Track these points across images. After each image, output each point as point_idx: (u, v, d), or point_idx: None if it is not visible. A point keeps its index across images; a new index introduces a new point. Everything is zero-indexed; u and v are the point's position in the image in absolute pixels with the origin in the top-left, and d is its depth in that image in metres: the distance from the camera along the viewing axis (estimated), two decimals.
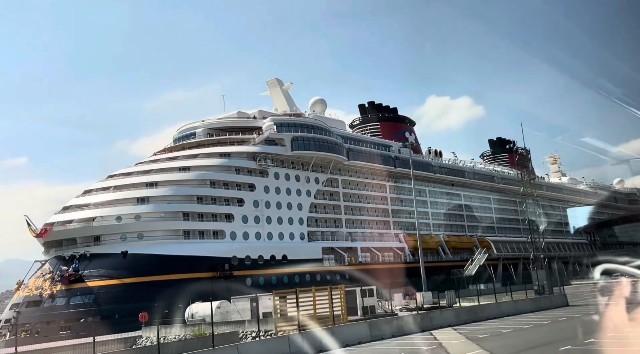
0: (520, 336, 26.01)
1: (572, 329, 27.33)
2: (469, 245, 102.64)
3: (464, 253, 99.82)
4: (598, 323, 28.02)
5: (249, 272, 66.27)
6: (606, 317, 31.99)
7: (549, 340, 24.02)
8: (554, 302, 41.34)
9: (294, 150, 77.10)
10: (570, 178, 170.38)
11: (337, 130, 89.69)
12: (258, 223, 71.52)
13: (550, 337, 24.97)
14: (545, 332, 26.67)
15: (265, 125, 77.96)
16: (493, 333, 27.60)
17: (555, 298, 42.60)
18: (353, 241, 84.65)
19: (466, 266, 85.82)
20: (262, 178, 73.94)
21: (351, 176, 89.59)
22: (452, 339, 26.19)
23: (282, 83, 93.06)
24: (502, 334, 26.95)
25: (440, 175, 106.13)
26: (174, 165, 69.64)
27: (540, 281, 44.63)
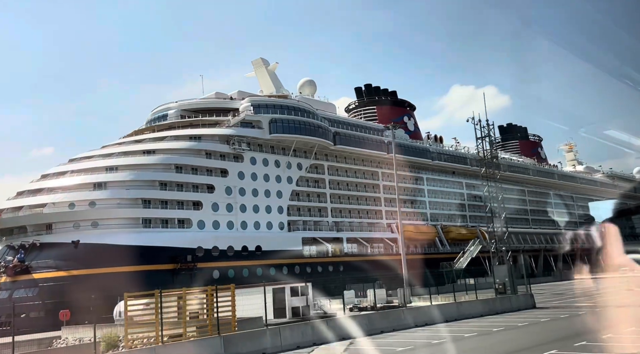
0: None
1: (516, 343, 21.57)
2: (470, 236, 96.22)
3: (465, 245, 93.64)
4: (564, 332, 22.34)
5: (216, 264, 61.37)
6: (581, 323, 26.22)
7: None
8: (516, 304, 35.23)
9: (272, 133, 71.68)
10: (586, 166, 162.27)
11: (325, 113, 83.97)
12: (230, 212, 66.44)
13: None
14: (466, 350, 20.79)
15: (242, 106, 72.64)
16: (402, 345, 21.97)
17: (518, 299, 36.47)
18: (339, 231, 79.20)
19: (457, 258, 79.70)
20: (236, 163, 68.72)
21: (339, 162, 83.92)
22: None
23: (267, 63, 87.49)
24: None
25: (439, 162, 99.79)
26: (139, 148, 64.86)
27: (501, 278, 38.51)
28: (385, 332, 26.58)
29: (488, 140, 42.48)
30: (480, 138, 41.84)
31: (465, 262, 77.74)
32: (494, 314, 31.87)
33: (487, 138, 41.87)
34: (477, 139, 41.55)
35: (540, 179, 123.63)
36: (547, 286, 64.93)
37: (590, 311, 31.18)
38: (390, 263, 77.96)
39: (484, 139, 41.55)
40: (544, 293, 49.62)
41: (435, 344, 22.15)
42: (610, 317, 27.28)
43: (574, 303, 37.49)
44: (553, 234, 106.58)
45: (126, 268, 54.25)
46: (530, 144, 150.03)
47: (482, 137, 41.50)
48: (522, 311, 33.32)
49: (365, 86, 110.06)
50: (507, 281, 37.44)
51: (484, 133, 41.77)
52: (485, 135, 41.38)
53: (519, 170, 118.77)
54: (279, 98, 76.38)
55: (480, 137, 41.85)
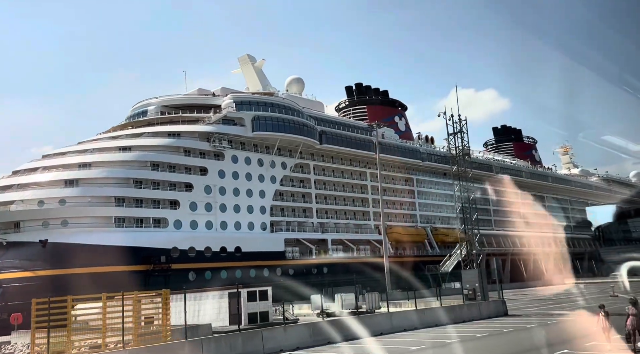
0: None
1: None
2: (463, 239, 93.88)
3: (454, 247, 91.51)
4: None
5: (193, 265, 59.18)
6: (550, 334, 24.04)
7: None
8: (486, 311, 32.93)
9: (255, 131, 69.56)
10: (582, 170, 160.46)
11: (312, 111, 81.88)
12: (210, 211, 64.27)
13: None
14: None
15: (224, 103, 70.53)
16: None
17: (489, 306, 34.19)
18: (324, 233, 77.08)
19: (443, 261, 77.56)
20: (216, 161, 66.57)
21: (325, 161, 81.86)
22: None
23: (254, 59, 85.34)
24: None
25: (430, 163, 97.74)
26: (115, 144, 62.70)
27: (471, 284, 36.25)
28: (332, 343, 24.48)
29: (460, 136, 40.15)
30: (453, 134, 39.67)
31: (452, 265, 75.62)
32: (460, 322, 29.66)
33: (459, 134, 39.63)
34: (449, 135, 39.39)
35: (533, 182, 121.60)
36: (532, 291, 62.74)
37: (563, 319, 28.98)
38: (376, 266, 75.94)
39: (455, 135, 39.35)
40: (524, 299, 47.49)
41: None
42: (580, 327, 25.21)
43: (550, 310, 35.26)
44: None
45: (96, 269, 52.14)
46: (525, 146, 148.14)
47: (453, 133, 39.34)
48: (491, 319, 31.12)
49: (355, 85, 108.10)
50: (477, 286, 35.19)
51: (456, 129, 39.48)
52: (457, 131, 39.23)
53: (512, 172, 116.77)
54: (263, 96, 74.26)
55: (453, 133, 39.68)
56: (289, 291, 48.56)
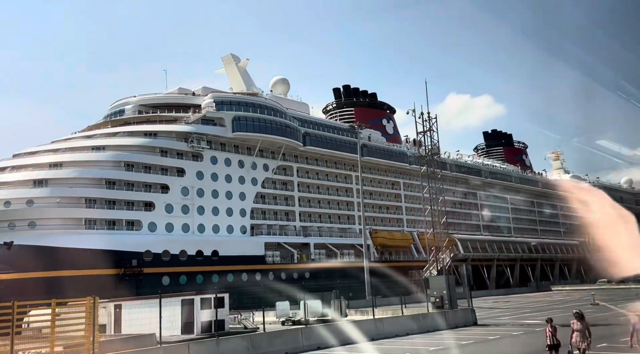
0: None
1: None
2: (448, 243, 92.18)
3: None
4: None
5: (167, 269, 57.18)
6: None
7: None
8: (453, 320, 30.91)
9: (235, 131, 67.72)
10: (573, 175, 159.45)
11: (296, 112, 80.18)
12: (186, 214, 62.32)
13: None
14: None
15: (204, 102, 68.67)
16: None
17: (456, 315, 32.28)
18: (306, 236, 75.22)
19: (427, 267, 75.68)
20: (194, 162, 64.68)
21: (309, 164, 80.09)
22: None
23: (238, 59, 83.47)
24: None
25: (417, 166, 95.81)
26: (89, 143, 60.72)
27: (438, 291, 34.36)
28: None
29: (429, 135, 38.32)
30: (422, 133, 37.91)
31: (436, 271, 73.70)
32: (424, 332, 27.81)
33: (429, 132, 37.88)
34: (418, 134, 37.65)
35: (523, 186, 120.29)
36: (516, 298, 60.96)
37: (531, 330, 27.11)
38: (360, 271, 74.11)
39: (425, 133, 37.59)
40: (503, 307, 45.68)
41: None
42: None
43: (523, 320, 33.35)
44: (534, 243, 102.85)
45: (64, 273, 50.14)
46: (515, 151, 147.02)
47: (423, 132, 37.57)
48: (458, 329, 29.25)
49: (343, 87, 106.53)
50: (445, 294, 33.34)
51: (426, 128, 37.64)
52: (427, 130, 37.48)
53: (501, 177, 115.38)
54: (244, 95, 72.45)
55: (422, 132, 37.92)
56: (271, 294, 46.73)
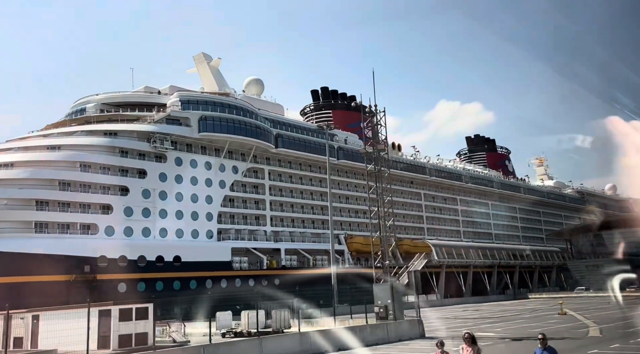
0: None
1: None
2: (426, 249, 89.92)
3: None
4: None
5: (123, 276, 54.03)
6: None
7: None
8: (396, 333, 28.05)
9: (201, 132, 64.98)
10: (556, 181, 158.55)
11: (269, 113, 77.65)
12: (147, 217, 59.36)
13: None
14: None
15: (169, 101, 65.91)
16: None
17: (401, 327, 29.52)
18: (277, 241, 72.49)
19: (399, 273, 73.02)
20: (157, 164, 61.80)
21: (282, 166, 77.48)
22: None
23: (210, 58, 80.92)
24: None
25: (395, 170, 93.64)
26: (44, 143, 57.65)
27: (383, 300, 31.74)
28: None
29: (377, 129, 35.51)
30: (369, 127, 35.40)
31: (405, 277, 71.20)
32: (363, 346, 25.18)
33: (378, 126, 35.36)
34: (364, 128, 35.17)
35: (504, 192, 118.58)
36: (488, 306, 58.39)
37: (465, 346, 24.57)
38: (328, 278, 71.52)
39: (375, 126, 35.09)
40: (464, 317, 43.08)
41: None
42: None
43: (477, 332, 30.50)
44: (513, 250, 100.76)
45: (9, 279, 47.00)
46: (498, 156, 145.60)
47: (374, 125, 35.01)
48: (398, 343, 26.59)
49: (321, 89, 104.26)
50: (389, 303, 30.70)
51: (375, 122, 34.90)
52: (376, 123, 34.96)
53: (482, 182, 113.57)
54: (212, 95, 69.78)
55: (372, 125, 35.38)
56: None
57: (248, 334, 27.82)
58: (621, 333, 25.99)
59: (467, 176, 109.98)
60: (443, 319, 40.82)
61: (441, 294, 76.15)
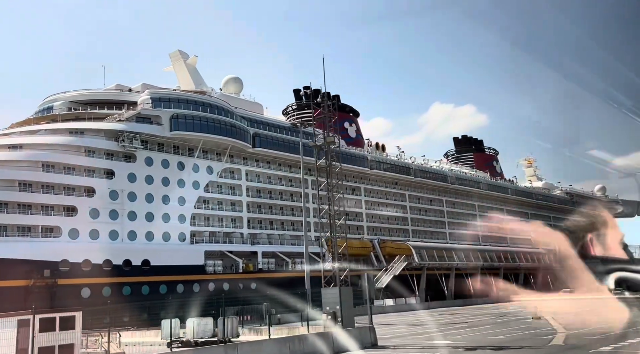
0: None
1: None
2: (407, 251, 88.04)
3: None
4: None
5: (87, 280, 51.71)
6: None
7: None
8: (340, 343, 25.33)
9: (173, 130, 62.76)
10: (545, 182, 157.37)
11: (246, 112, 75.52)
12: (115, 220, 57.02)
13: None
14: None
15: (140, 99, 63.67)
16: None
17: (350, 336, 27.48)
18: (254, 244, 70.32)
19: (377, 276, 71.16)
20: (126, 164, 59.53)
21: (260, 167, 75.33)
22: None
23: (186, 56, 78.79)
24: None
25: (378, 171, 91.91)
26: (6, 142, 55.30)
27: (332, 306, 29.45)
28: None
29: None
30: (315, 120, 33.18)
31: (387, 280, 69.39)
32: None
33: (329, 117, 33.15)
34: (314, 118, 33.03)
35: (492, 193, 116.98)
36: (466, 310, 56.11)
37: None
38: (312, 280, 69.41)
39: (326, 116, 32.89)
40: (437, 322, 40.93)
41: None
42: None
43: (436, 341, 28.20)
44: (498, 251, 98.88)
45: None
46: (486, 157, 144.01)
47: (323, 117, 32.79)
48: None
49: (304, 88, 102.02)
50: (338, 309, 28.45)
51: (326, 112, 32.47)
52: (325, 115, 32.75)
53: (469, 184, 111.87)
54: (185, 93, 67.65)
55: (320, 117, 33.20)
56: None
57: (195, 344, 25.71)
58: (587, 340, 24.16)
59: (453, 177, 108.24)
60: (411, 326, 38.75)
61: (422, 297, 74.12)
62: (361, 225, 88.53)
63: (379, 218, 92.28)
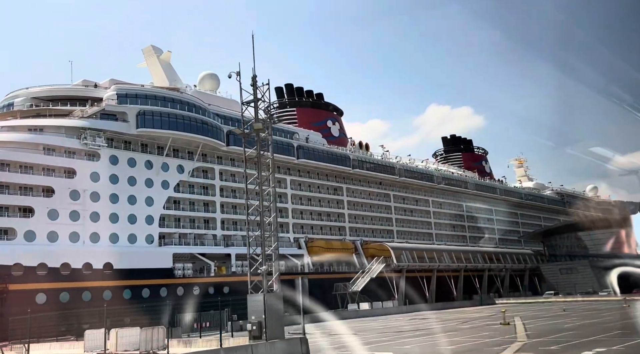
0: None
1: None
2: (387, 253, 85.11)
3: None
4: None
5: (42, 285, 48.86)
6: None
7: None
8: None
9: (139, 127, 59.94)
10: (536, 183, 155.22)
11: (221, 109, 72.82)
12: (76, 221, 54.15)
13: None
14: None
15: (105, 95, 60.85)
16: None
17: (273, 350, 24.13)
18: (228, 246, 67.52)
19: (353, 279, 68.34)
20: (89, 162, 56.69)
21: (235, 166, 72.53)
22: None
23: (160, 51, 75.97)
24: None
25: (361, 170, 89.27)
26: None
27: (257, 315, 26.54)
28: None
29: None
30: (246, 103, 30.26)
31: (363, 283, 66.65)
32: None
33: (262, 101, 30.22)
34: (243, 104, 30.18)
35: (478, 193, 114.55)
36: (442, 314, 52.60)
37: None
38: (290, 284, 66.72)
39: (259, 101, 30.00)
40: (394, 329, 38.13)
41: None
42: None
43: (378, 352, 25.54)
44: (482, 252, 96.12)
45: None
46: (475, 157, 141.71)
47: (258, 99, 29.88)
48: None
49: (286, 86, 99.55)
50: (263, 319, 25.55)
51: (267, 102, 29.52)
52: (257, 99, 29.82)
53: (455, 183, 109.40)
54: (155, 88, 64.85)
55: (252, 101, 30.27)
56: None
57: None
58: (541, 351, 21.63)
59: (440, 177, 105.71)
60: (361, 333, 35.91)
61: (401, 300, 71.44)
62: (343, 226, 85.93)
63: (362, 218, 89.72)
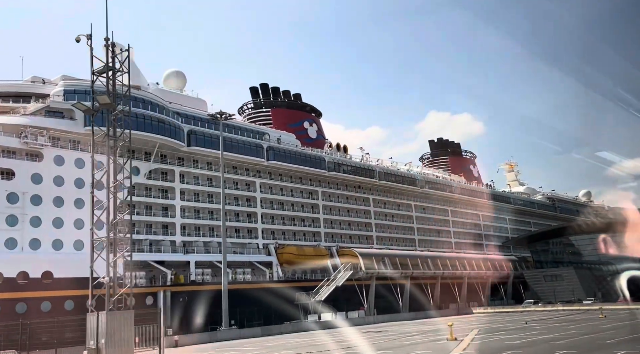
0: None
1: None
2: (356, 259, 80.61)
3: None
4: None
5: None
6: None
7: None
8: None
9: (87, 126, 55.79)
10: (526, 187, 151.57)
11: (182, 108, 68.96)
12: (13, 226, 50.07)
13: None
14: None
15: (52, 91, 56.88)
16: None
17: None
18: (187, 253, 63.35)
19: (317, 287, 64.04)
20: (30, 163, 52.67)
21: (199, 168, 68.56)
22: None
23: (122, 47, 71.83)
24: None
25: (337, 173, 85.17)
26: None
27: (95, 340, 22.46)
28: None
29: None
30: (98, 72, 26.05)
31: (327, 292, 62.40)
32: None
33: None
34: (94, 74, 26.20)
35: (465, 198, 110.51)
36: (397, 327, 47.83)
37: None
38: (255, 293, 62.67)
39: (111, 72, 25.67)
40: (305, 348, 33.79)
41: None
42: None
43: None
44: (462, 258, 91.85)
45: None
46: (462, 161, 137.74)
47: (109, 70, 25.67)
48: None
49: (261, 86, 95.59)
50: (103, 344, 21.48)
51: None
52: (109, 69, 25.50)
53: (440, 187, 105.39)
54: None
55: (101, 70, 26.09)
56: None
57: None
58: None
59: (423, 180, 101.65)
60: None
61: (370, 310, 67.22)
62: (318, 231, 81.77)
63: (339, 224, 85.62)
